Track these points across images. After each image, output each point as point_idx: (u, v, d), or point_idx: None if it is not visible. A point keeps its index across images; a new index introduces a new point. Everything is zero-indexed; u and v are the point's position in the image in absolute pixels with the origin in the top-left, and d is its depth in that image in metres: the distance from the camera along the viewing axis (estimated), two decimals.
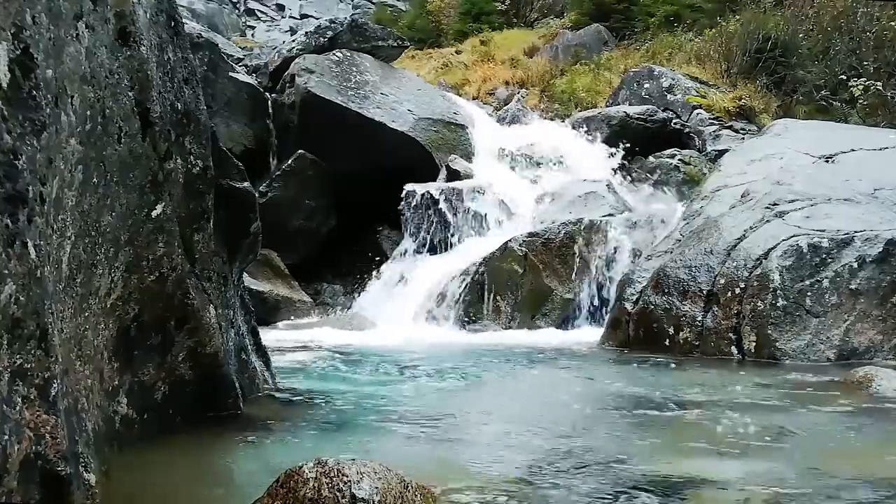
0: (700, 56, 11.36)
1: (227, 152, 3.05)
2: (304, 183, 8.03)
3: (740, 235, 5.07)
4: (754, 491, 2.08)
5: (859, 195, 5.37)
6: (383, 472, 1.72)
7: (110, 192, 2.11)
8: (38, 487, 1.52)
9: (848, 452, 2.48)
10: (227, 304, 2.86)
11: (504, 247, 6.80)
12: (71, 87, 1.79)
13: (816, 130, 6.97)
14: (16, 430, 1.44)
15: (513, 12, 16.22)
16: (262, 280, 7.30)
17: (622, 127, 9.32)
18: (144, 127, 2.29)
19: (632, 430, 2.85)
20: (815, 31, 11.16)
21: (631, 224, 6.90)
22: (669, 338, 4.98)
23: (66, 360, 1.81)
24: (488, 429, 2.94)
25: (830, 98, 10.22)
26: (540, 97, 11.93)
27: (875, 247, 4.71)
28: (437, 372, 4.22)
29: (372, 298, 7.44)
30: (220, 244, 2.85)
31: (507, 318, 6.59)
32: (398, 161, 7.93)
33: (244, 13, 22.03)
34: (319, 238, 8.14)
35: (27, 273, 1.49)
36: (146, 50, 2.32)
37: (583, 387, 3.87)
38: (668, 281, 5.12)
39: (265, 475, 1.85)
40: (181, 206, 2.51)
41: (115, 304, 2.25)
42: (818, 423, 2.94)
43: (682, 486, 2.10)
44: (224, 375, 2.76)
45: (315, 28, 9.15)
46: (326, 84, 8.23)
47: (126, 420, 2.34)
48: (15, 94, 1.51)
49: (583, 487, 2.08)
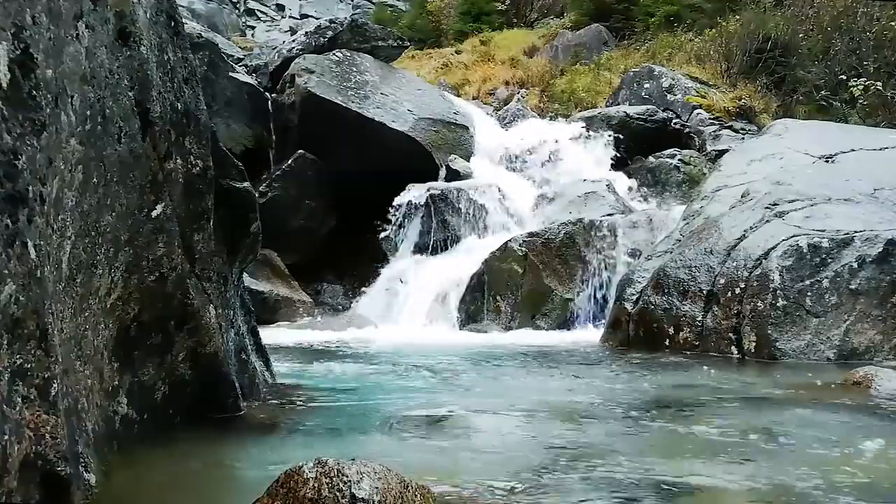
0: (700, 56, 11.37)
1: (227, 152, 3.05)
2: (304, 183, 8.04)
3: (740, 235, 5.07)
4: (754, 491, 2.07)
5: (859, 195, 5.37)
6: (383, 472, 1.72)
7: (110, 192, 2.11)
8: (38, 487, 1.52)
9: (848, 452, 2.48)
10: (227, 304, 2.86)
11: (504, 247, 6.81)
12: (71, 87, 1.79)
13: (816, 130, 6.97)
14: (16, 430, 1.44)
15: (513, 12, 16.24)
16: (262, 280, 7.31)
17: (622, 127, 9.33)
18: (144, 127, 2.29)
19: (632, 430, 2.85)
20: (815, 31, 11.17)
21: (631, 224, 6.91)
22: (669, 338, 4.98)
23: (66, 360, 1.81)
24: (488, 429, 2.94)
25: (830, 98, 10.23)
26: (540, 97, 11.94)
27: (875, 247, 4.70)
28: (437, 372, 4.22)
29: (371, 298, 7.45)
30: (220, 244, 2.85)
31: (507, 318, 6.59)
32: (398, 161, 7.93)
33: (244, 13, 22.03)
34: (319, 238, 8.15)
35: (27, 273, 1.49)
36: (146, 50, 2.32)
37: (583, 387, 3.87)
38: (668, 281, 5.12)
39: (265, 475, 1.85)
40: (181, 206, 2.51)
41: (115, 304, 2.25)
42: (818, 423, 2.93)
43: (682, 487, 2.10)
44: (224, 375, 2.76)
45: (315, 28, 9.17)
46: (326, 84, 8.23)
47: (126, 420, 2.34)
48: (15, 94, 1.51)
49: (582, 488, 2.08)
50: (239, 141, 7.86)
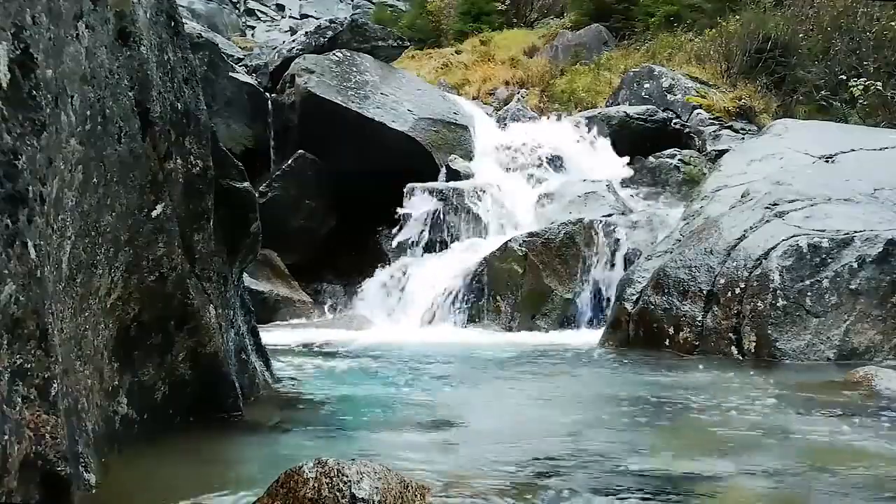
0: (700, 56, 11.37)
1: (227, 152, 3.05)
2: (304, 183, 8.03)
3: (740, 235, 5.07)
4: (754, 491, 2.08)
5: (859, 195, 5.37)
6: (383, 472, 1.73)
7: (110, 192, 2.11)
8: (38, 487, 1.52)
9: (848, 452, 2.48)
10: (227, 304, 2.86)
11: (504, 247, 6.81)
12: (71, 87, 1.79)
13: (816, 130, 6.97)
14: (16, 430, 1.44)
15: (513, 12, 16.24)
16: (262, 280, 7.31)
17: (622, 127, 9.33)
18: (144, 127, 2.29)
19: (631, 430, 2.85)
20: (815, 31, 11.16)
21: (631, 224, 6.91)
22: (669, 338, 4.98)
23: (66, 360, 1.81)
24: (488, 429, 2.94)
25: (830, 98, 10.22)
26: (540, 97, 11.94)
27: (875, 247, 4.70)
28: (437, 372, 4.22)
29: (372, 298, 7.45)
30: (220, 244, 2.85)
31: (507, 318, 6.59)
32: (398, 161, 7.93)
33: (244, 13, 22.02)
34: (319, 238, 8.15)
35: (27, 273, 1.49)
36: (146, 50, 2.32)
37: (583, 387, 3.87)
38: (668, 281, 5.12)
39: (265, 475, 1.85)
40: (181, 206, 2.51)
41: (115, 304, 2.25)
42: (818, 423, 2.93)
43: (682, 487, 2.10)
44: (224, 375, 2.76)
45: (315, 28, 9.16)
46: (326, 84, 8.23)
47: (126, 420, 2.34)
48: (15, 94, 1.51)
49: (582, 488, 2.08)
50: (239, 141, 7.86)
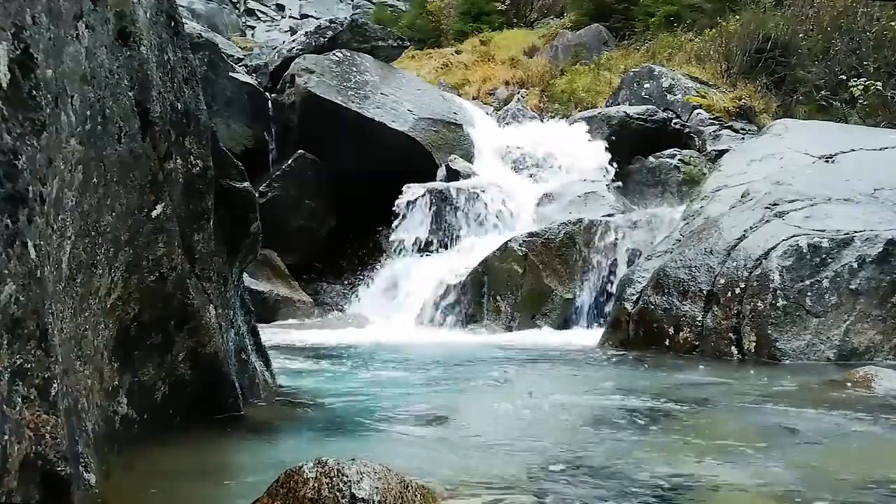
0: (700, 56, 11.38)
1: (227, 152, 3.05)
2: (304, 183, 8.04)
3: (740, 235, 5.07)
4: (754, 492, 2.07)
5: (859, 195, 5.37)
6: (383, 472, 1.72)
7: (110, 192, 2.11)
8: (38, 487, 1.52)
9: (848, 453, 2.49)
10: (227, 304, 2.86)
11: (504, 247, 6.81)
12: (71, 87, 1.79)
13: (816, 130, 6.97)
14: (16, 430, 1.44)
15: (513, 12, 16.24)
16: (262, 280, 7.31)
17: (622, 127, 9.33)
18: (144, 127, 2.29)
19: (632, 430, 2.85)
20: (815, 31, 11.17)
21: (631, 224, 6.91)
22: (669, 338, 4.98)
23: (66, 360, 1.81)
24: (488, 429, 2.94)
25: (830, 98, 10.23)
26: (540, 97, 11.94)
27: (875, 247, 4.70)
28: (437, 372, 4.22)
29: (372, 298, 7.46)
30: (220, 244, 2.85)
31: (507, 318, 6.59)
32: (398, 161, 7.93)
33: (244, 13, 22.03)
34: (319, 238, 8.15)
35: (27, 273, 1.49)
36: (146, 50, 2.32)
37: (583, 387, 3.87)
38: (668, 281, 5.12)
39: (265, 475, 1.85)
40: (181, 206, 2.51)
41: (115, 304, 2.25)
42: (818, 424, 2.93)
43: (682, 487, 2.10)
44: (224, 375, 2.76)
45: (315, 28, 9.17)
46: (326, 84, 8.24)
47: (126, 420, 2.34)
48: (15, 94, 1.51)
49: (582, 489, 2.08)
50: (239, 141, 7.86)
